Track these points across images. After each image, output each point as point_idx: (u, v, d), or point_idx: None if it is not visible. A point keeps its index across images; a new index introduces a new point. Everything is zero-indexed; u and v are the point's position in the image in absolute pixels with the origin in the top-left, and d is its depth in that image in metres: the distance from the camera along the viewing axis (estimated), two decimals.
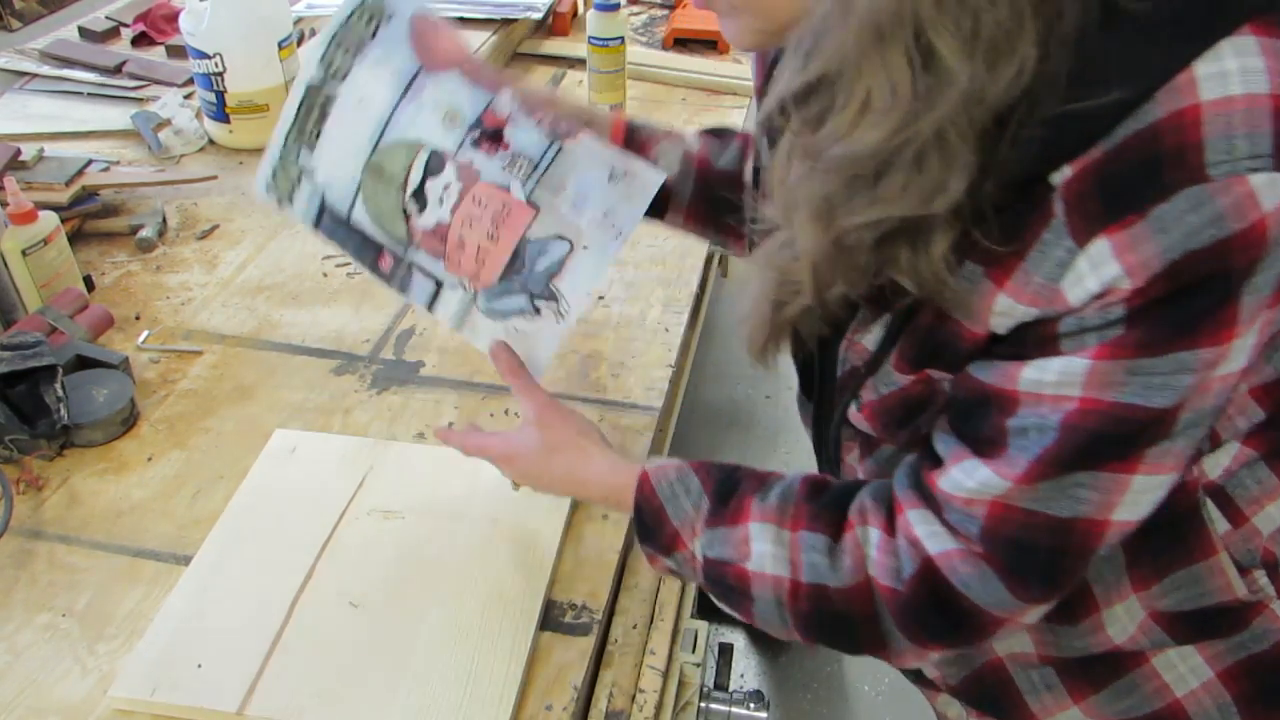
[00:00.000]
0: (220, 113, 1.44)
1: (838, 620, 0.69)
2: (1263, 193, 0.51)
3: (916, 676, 0.85)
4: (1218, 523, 0.69)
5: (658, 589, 0.90)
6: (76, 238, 1.24)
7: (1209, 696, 0.72)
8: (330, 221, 0.76)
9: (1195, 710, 0.72)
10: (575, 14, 1.86)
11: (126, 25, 1.77)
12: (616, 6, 1.45)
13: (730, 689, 1.03)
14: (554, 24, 1.84)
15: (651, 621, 0.88)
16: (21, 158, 1.27)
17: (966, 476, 0.64)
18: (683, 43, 1.82)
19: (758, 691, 0.96)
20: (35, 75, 1.62)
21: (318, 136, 0.78)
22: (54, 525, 0.88)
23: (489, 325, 0.76)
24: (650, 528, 0.75)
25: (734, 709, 0.94)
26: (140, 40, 1.74)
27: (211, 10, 1.37)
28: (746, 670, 1.62)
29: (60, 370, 0.94)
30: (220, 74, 1.40)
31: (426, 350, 1.10)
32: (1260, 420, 0.67)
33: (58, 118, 1.51)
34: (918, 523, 0.66)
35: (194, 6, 1.39)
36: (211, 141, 1.49)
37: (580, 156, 0.78)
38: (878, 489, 0.72)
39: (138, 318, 1.14)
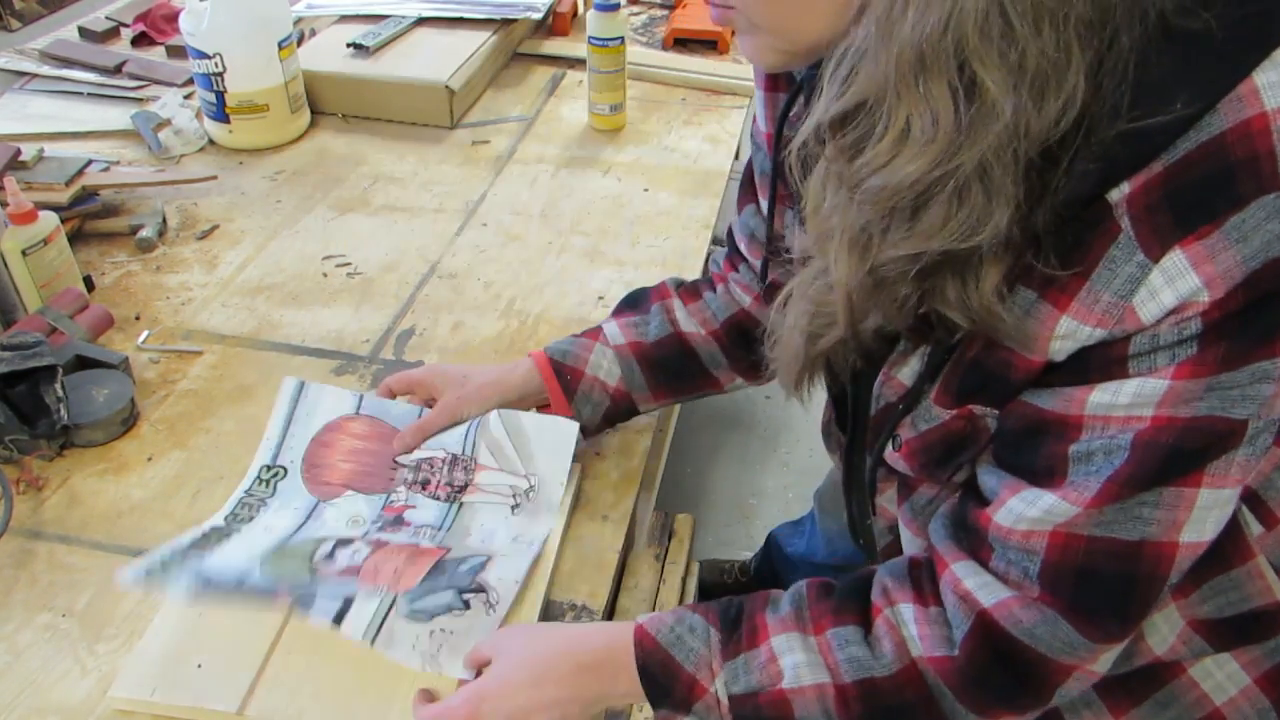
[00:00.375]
0: (220, 113, 1.44)
1: (895, 713, 0.65)
2: None
3: None
4: (1252, 526, 0.68)
5: (657, 589, 0.90)
6: (76, 238, 1.24)
7: (1248, 703, 0.71)
8: (217, 591, 0.75)
9: (1235, 718, 0.71)
10: (575, 14, 1.86)
11: (126, 25, 1.77)
12: (616, 6, 1.45)
13: None
14: (554, 24, 1.84)
15: None
16: (21, 158, 1.27)
17: (1028, 506, 0.61)
18: (683, 43, 1.82)
19: None
20: (35, 75, 1.62)
21: (212, 551, 0.80)
22: (54, 525, 0.88)
23: (410, 630, 0.73)
24: (662, 683, 0.68)
25: None
26: (140, 40, 1.74)
27: (211, 10, 1.37)
28: None
29: (60, 370, 0.94)
30: (220, 74, 1.40)
31: (426, 350, 1.10)
32: None
33: (57, 118, 1.51)
34: (966, 575, 0.64)
35: (194, 7, 1.39)
36: (211, 141, 1.49)
37: (479, 506, 0.86)
38: (894, 566, 0.69)
39: (138, 318, 1.14)
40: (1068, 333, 0.56)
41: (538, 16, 1.75)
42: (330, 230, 1.31)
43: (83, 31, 1.74)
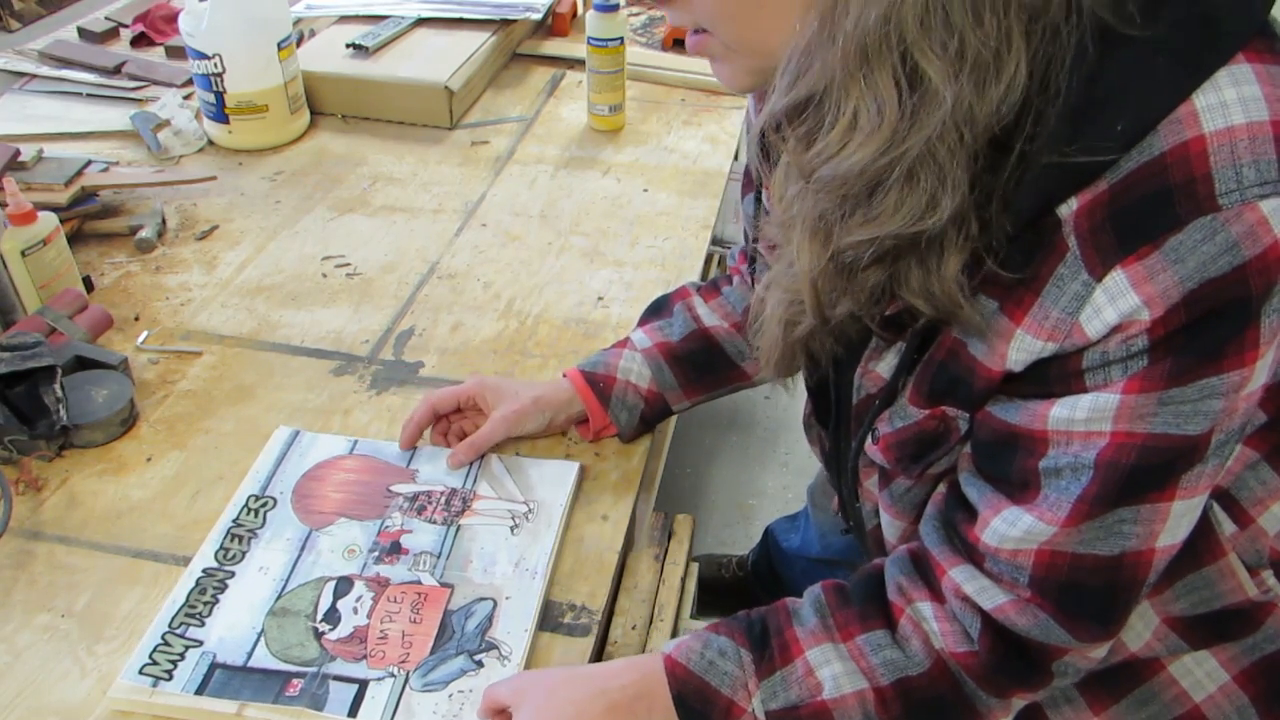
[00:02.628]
0: (219, 113, 1.44)
1: (929, 706, 0.68)
2: (1274, 218, 0.52)
3: None
4: (1224, 524, 0.69)
5: (657, 589, 0.90)
6: (76, 238, 1.24)
7: (1227, 700, 0.72)
8: (223, 676, 0.74)
9: (1214, 715, 0.72)
10: (575, 14, 1.86)
11: (126, 26, 1.77)
12: (616, 7, 1.45)
13: None
14: (553, 24, 1.84)
15: (651, 622, 0.88)
16: (21, 158, 1.27)
17: (1009, 526, 0.63)
18: (682, 43, 1.82)
19: None
20: (34, 76, 1.62)
21: (210, 612, 0.79)
22: (53, 526, 0.88)
23: (429, 702, 0.73)
24: (699, 710, 0.68)
25: None
26: (139, 41, 1.74)
27: (211, 11, 1.37)
28: None
29: (59, 371, 0.94)
30: (219, 75, 1.40)
31: (426, 351, 1.10)
32: (1261, 422, 0.67)
33: (57, 118, 1.51)
34: (964, 580, 0.66)
35: (193, 7, 1.39)
36: (211, 142, 1.49)
37: (478, 528, 0.87)
38: (901, 563, 0.71)
39: (137, 318, 1.14)
40: (1022, 345, 0.58)
41: (537, 17, 1.75)
42: (330, 231, 1.31)
43: (82, 32, 1.74)
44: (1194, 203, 0.52)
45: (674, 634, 0.88)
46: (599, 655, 0.83)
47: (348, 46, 1.59)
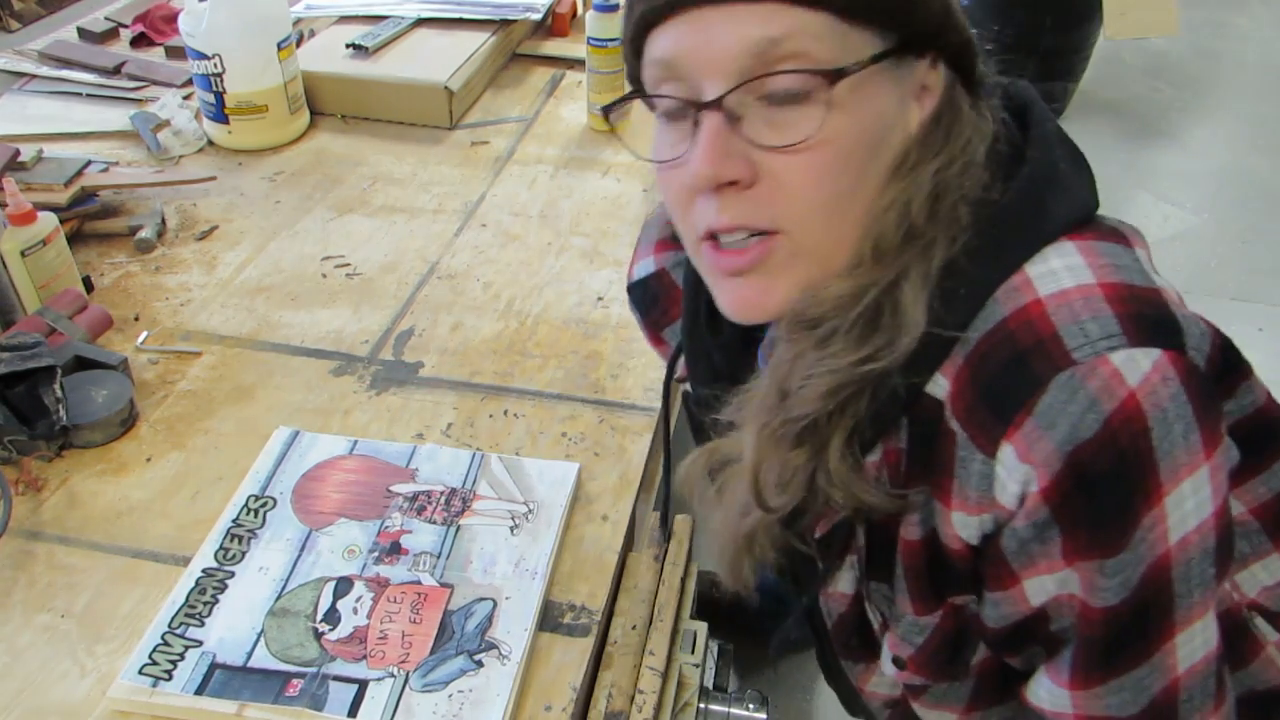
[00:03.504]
0: (219, 113, 1.44)
1: None
2: (1126, 368, 0.54)
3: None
4: (1269, 633, 0.71)
5: (656, 590, 0.90)
6: (75, 239, 1.24)
7: None
8: (222, 676, 0.74)
9: None
10: (575, 15, 1.86)
11: (125, 26, 1.77)
12: (615, 7, 1.45)
13: (729, 689, 1.03)
14: (553, 25, 1.84)
15: (650, 622, 0.88)
16: (20, 158, 1.27)
17: (1039, 686, 0.65)
18: None
19: (757, 691, 0.96)
20: (34, 76, 1.62)
21: (210, 612, 0.79)
22: (53, 526, 0.88)
23: (428, 702, 0.73)
24: None
25: (733, 709, 0.94)
26: (139, 41, 1.74)
27: (210, 11, 1.37)
28: (746, 671, 1.62)
29: (59, 371, 0.94)
30: (219, 75, 1.40)
31: (426, 351, 1.10)
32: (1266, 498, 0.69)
33: (56, 118, 1.51)
34: None
35: (193, 7, 1.39)
36: (210, 142, 1.49)
37: (478, 528, 0.87)
38: None
39: (137, 319, 1.14)
40: (963, 524, 0.62)
41: (537, 17, 1.75)
42: (329, 231, 1.31)
43: (82, 32, 1.74)
44: (1049, 361, 0.55)
45: (674, 634, 0.88)
46: (599, 655, 0.83)
47: (347, 46, 1.59)
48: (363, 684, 0.75)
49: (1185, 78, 3.64)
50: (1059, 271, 0.57)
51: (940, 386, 0.59)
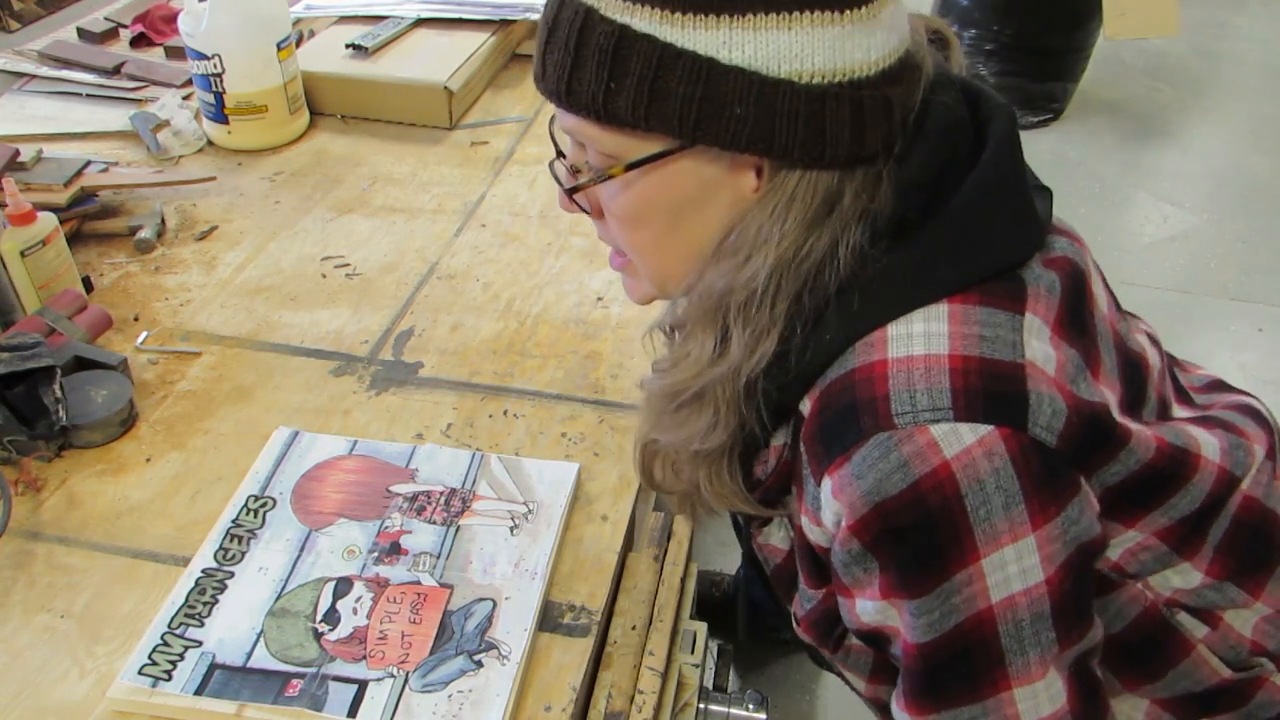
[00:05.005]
0: (219, 114, 1.44)
1: None
2: (945, 440, 0.58)
3: None
4: (1197, 630, 0.73)
5: (656, 590, 0.90)
6: (75, 239, 1.24)
7: None
8: (222, 676, 0.74)
9: None
10: None
11: (125, 26, 1.77)
12: None
13: (729, 690, 1.03)
14: None
15: (650, 622, 0.88)
16: (20, 159, 1.27)
17: (892, 706, 0.70)
18: None
19: (757, 692, 0.96)
20: (34, 76, 1.62)
21: (210, 612, 0.79)
22: (52, 526, 0.88)
23: (428, 702, 0.73)
24: None
25: (733, 709, 0.94)
26: (139, 41, 1.74)
27: (210, 11, 1.37)
28: (746, 671, 1.62)
29: (59, 371, 0.94)
30: (219, 75, 1.40)
31: (425, 351, 1.10)
32: (1215, 550, 0.73)
33: (56, 119, 1.51)
34: None
35: (193, 7, 1.39)
36: (210, 142, 1.48)
37: (478, 529, 0.87)
38: None
39: (136, 319, 1.14)
40: (809, 529, 0.69)
41: (536, 17, 1.75)
42: (329, 231, 1.31)
43: (81, 32, 1.74)
44: (874, 419, 0.60)
45: (674, 634, 0.88)
46: (598, 656, 0.83)
47: (347, 47, 1.59)
48: (362, 684, 0.74)
49: (1185, 78, 3.64)
50: (915, 336, 0.62)
51: (805, 406, 0.67)
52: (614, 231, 0.73)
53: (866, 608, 0.66)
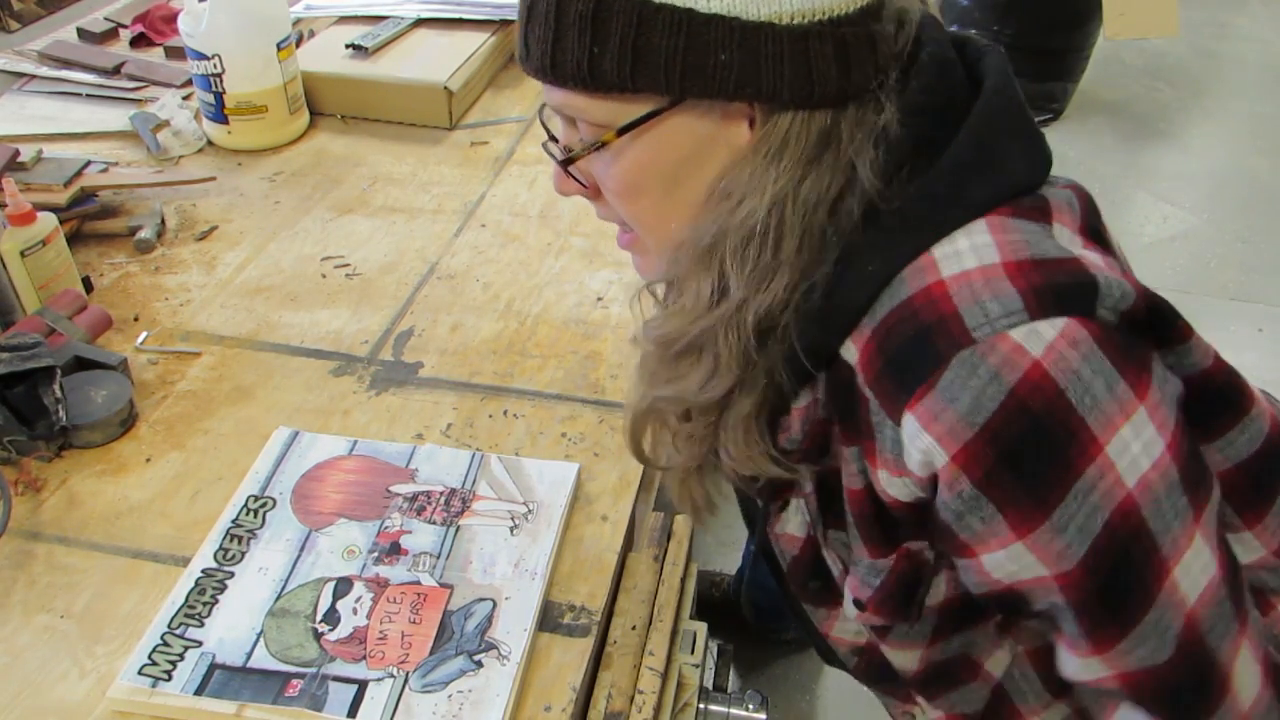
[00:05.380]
0: (219, 114, 1.44)
1: None
2: (1028, 341, 0.57)
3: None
4: (1251, 613, 0.71)
5: (656, 590, 0.90)
6: (75, 239, 1.24)
7: None
8: (222, 676, 0.74)
9: None
10: None
11: (125, 26, 1.77)
12: None
13: (729, 690, 1.03)
14: None
15: (650, 622, 0.88)
16: (20, 159, 1.27)
17: (1066, 665, 0.66)
18: None
19: (757, 692, 0.96)
20: (34, 76, 1.62)
21: (210, 612, 0.79)
22: (52, 526, 0.88)
23: (428, 702, 0.73)
24: None
25: (733, 710, 0.94)
26: (139, 41, 1.74)
27: (210, 11, 1.37)
28: (746, 671, 1.62)
29: (58, 371, 0.94)
30: (219, 75, 1.40)
31: (425, 351, 1.10)
32: None
33: (56, 119, 1.51)
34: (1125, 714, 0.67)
35: (192, 8, 1.39)
36: (210, 143, 1.48)
37: (478, 529, 0.87)
38: None
39: (136, 319, 1.14)
40: (889, 483, 0.65)
41: None
42: (329, 231, 1.31)
43: (81, 33, 1.74)
44: (950, 339, 0.59)
45: (673, 634, 0.88)
46: (598, 656, 0.83)
47: (347, 47, 1.59)
48: (362, 684, 0.74)
49: (1185, 78, 3.65)
50: (964, 253, 0.61)
51: (851, 352, 0.65)
52: (614, 204, 0.72)
53: (998, 559, 0.62)
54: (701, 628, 0.95)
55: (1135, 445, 0.58)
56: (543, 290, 1.20)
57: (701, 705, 0.92)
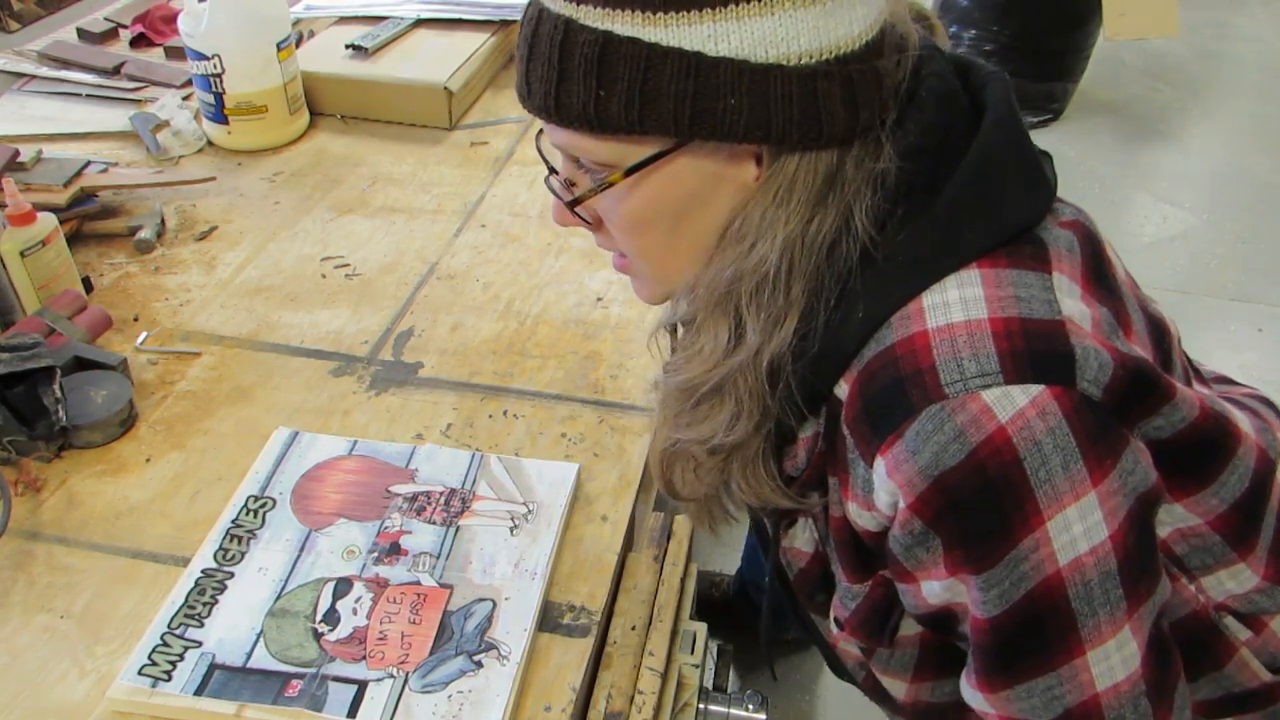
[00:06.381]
0: (219, 114, 1.44)
1: None
2: (998, 405, 0.58)
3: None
4: (1241, 633, 0.73)
5: (656, 590, 0.90)
6: (75, 239, 1.24)
7: None
8: (222, 677, 0.74)
9: None
10: None
11: (125, 26, 1.77)
12: None
13: (729, 690, 1.03)
14: None
15: (650, 622, 0.88)
16: (20, 159, 1.27)
17: (964, 687, 0.69)
18: None
19: (757, 692, 0.96)
20: (33, 76, 1.62)
21: (209, 612, 0.79)
22: (52, 527, 0.88)
23: (428, 702, 0.73)
24: None
25: (733, 710, 0.94)
26: (139, 42, 1.74)
27: (210, 12, 1.37)
28: (746, 671, 1.62)
29: (58, 372, 0.94)
30: (219, 75, 1.40)
31: (425, 351, 1.10)
32: (1269, 552, 0.72)
33: (56, 119, 1.51)
34: None
35: (192, 8, 1.39)
36: (210, 143, 1.48)
37: (477, 529, 0.87)
38: None
39: (136, 319, 1.14)
40: (858, 515, 0.68)
41: None
42: (329, 231, 1.31)
43: (81, 33, 1.74)
44: (923, 392, 0.59)
45: (673, 635, 0.88)
46: (598, 656, 0.83)
47: (347, 47, 1.59)
48: (362, 684, 0.74)
49: (1185, 78, 3.65)
50: (953, 304, 0.61)
51: (843, 390, 0.66)
52: (618, 239, 0.73)
53: (934, 588, 0.65)
54: (701, 628, 0.95)
55: (1077, 527, 0.59)
56: (542, 290, 1.20)
57: (701, 705, 0.92)
